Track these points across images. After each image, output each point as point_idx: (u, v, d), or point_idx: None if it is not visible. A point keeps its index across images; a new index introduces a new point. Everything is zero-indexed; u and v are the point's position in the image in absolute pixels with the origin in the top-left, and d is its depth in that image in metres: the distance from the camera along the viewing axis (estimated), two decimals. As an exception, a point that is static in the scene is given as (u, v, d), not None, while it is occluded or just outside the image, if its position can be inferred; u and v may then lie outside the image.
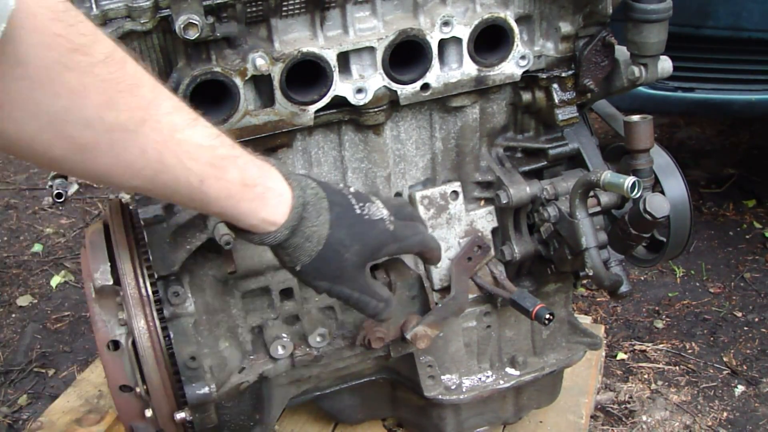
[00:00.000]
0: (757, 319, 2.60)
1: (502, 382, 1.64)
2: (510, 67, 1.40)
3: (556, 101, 1.43)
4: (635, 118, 1.41)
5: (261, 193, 1.03)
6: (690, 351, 2.47)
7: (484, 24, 1.34)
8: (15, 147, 0.84)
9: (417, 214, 1.34)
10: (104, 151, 0.87)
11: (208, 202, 0.99)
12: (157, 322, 1.34)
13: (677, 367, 2.40)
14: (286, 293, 1.46)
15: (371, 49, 1.30)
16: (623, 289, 1.43)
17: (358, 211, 1.14)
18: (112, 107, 0.85)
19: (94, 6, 1.12)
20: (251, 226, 1.05)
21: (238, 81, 1.24)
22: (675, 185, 1.49)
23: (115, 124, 0.86)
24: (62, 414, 1.93)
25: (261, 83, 1.28)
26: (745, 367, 2.39)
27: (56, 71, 0.79)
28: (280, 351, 1.46)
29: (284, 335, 1.46)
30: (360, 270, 1.15)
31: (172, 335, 1.34)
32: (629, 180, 1.21)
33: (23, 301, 2.88)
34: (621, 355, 2.44)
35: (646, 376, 2.35)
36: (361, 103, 1.33)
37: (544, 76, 1.42)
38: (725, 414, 2.21)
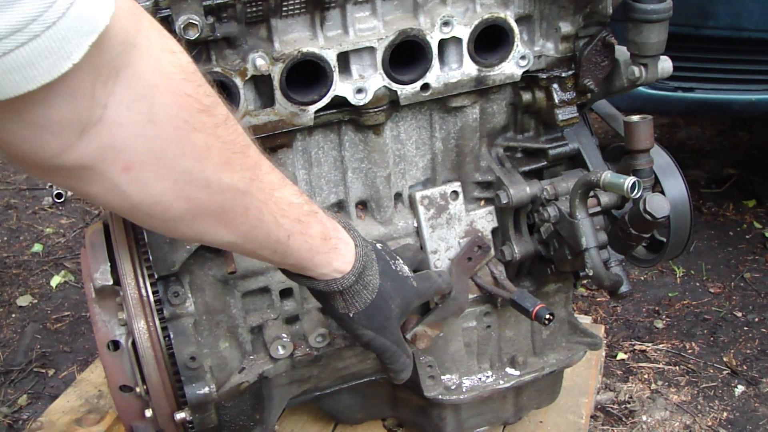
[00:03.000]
0: (757, 319, 2.60)
1: (502, 382, 1.64)
2: (510, 67, 1.40)
3: (556, 101, 1.43)
4: (635, 118, 1.41)
5: (334, 244, 1.08)
6: (690, 351, 2.47)
7: (484, 24, 1.34)
8: (135, 209, 0.83)
9: (424, 257, 1.41)
10: (212, 210, 0.88)
11: (288, 254, 1.02)
12: (157, 322, 1.34)
13: (677, 367, 2.40)
14: (286, 293, 1.46)
15: (371, 49, 1.30)
16: (623, 289, 1.43)
17: (394, 267, 1.20)
18: (229, 168, 0.86)
19: (94, 6, 1.12)
20: (320, 275, 1.09)
21: (238, 81, 1.24)
22: (675, 185, 1.49)
23: (230, 185, 0.87)
24: (62, 414, 1.93)
25: (261, 83, 1.28)
26: (745, 367, 2.39)
27: (185, 131, 0.79)
28: (280, 351, 1.46)
29: (284, 335, 1.46)
30: (398, 323, 1.21)
31: (172, 335, 1.34)
32: (629, 180, 1.21)
33: (23, 301, 2.88)
34: (621, 355, 2.44)
35: (646, 376, 2.35)
36: (361, 103, 1.33)
37: (544, 76, 1.42)
38: (725, 414, 2.21)
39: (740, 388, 2.31)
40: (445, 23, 1.31)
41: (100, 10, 0.67)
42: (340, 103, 1.33)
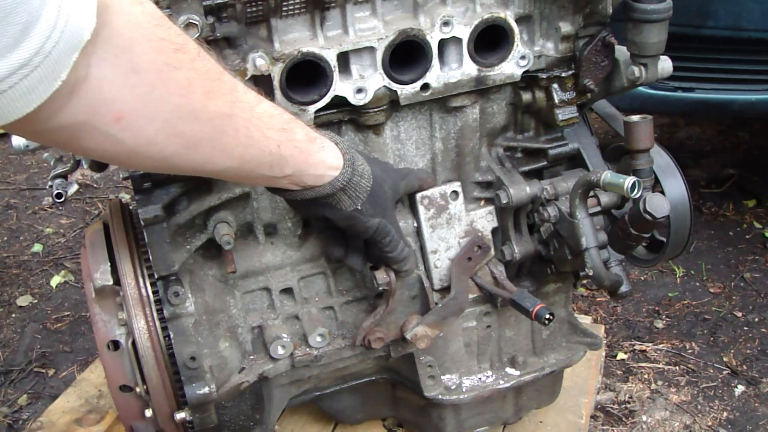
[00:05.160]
0: (757, 319, 2.60)
1: (502, 382, 1.64)
2: (510, 67, 1.40)
3: (556, 101, 1.43)
4: (635, 118, 1.41)
5: (321, 144, 1.13)
6: (690, 351, 2.47)
7: (484, 24, 1.34)
8: (132, 154, 0.88)
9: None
10: (207, 139, 0.93)
11: (284, 164, 1.07)
12: (157, 322, 1.34)
13: (677, 367, 2.40)
14: (286, 293, 1.46)
15: (371, 49, 1.30)
16: (623, 289, 1.43)
17: (371, 156, 1.27)
18: (212, 96, 0.91)
19: (94, 6, 1.12)
20: (318, 177, 1.13)
21: (238, 81, 1.24)
22: (675, 185, 1.49)
23: (216, 112, 0.92)
24: (62, 414, 1.93)
25: (261, 83, 1.28)
26: (745, 367, 2.39)
27: (166, 72, 0.84)
28: (280, 351, 1.46)
29: (284, 335, 1.46)
30: (394, 205, 1.29)
31: (172, 335, 1.34)
32: (629, 180, 1.21)
33: (23, 301, 2.88)
34: (621, 355, 2.44)
35: (646, 376, 2.35)
36: (361, 103, 1.33)
37: (544, 76, 1.42)
38: (725, 414, 2.21)
39: (740, 388, 2.31)
40: (445, 23, 1.31)
41: (86, 23, 0.72)
42: (340, 103, 1.33)
